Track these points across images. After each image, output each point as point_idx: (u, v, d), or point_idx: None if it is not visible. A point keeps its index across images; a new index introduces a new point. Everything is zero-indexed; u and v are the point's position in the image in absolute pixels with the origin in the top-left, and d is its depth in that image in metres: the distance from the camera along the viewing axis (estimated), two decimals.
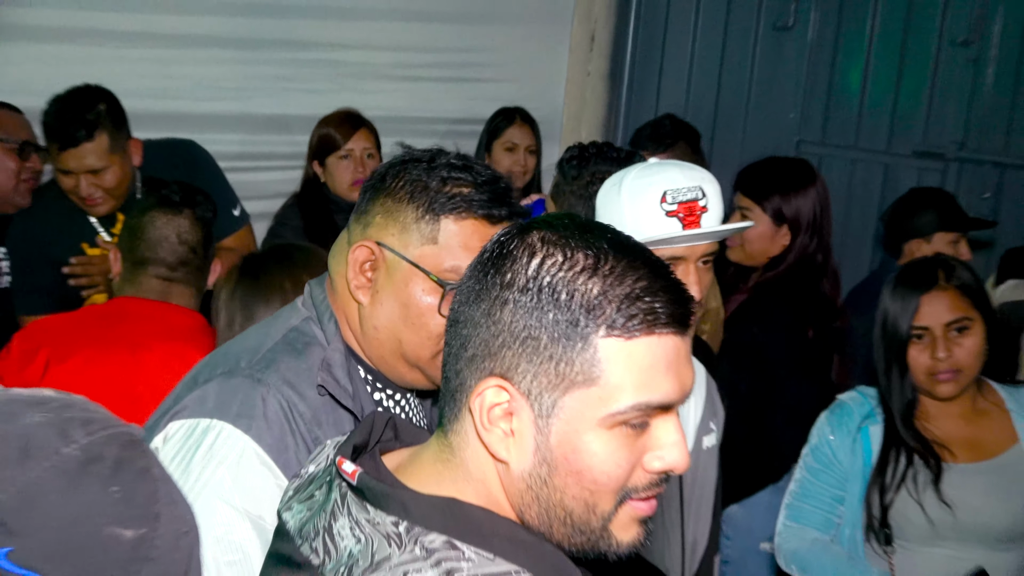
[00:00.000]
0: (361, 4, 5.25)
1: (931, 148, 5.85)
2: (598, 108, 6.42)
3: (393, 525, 1.28)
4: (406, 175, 1.89)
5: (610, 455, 1.24)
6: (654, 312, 1.23)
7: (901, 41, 5.88)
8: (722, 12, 6.21)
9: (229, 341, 2.10)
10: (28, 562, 1.02)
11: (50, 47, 4.27)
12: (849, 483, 3.02)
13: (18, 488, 1.02)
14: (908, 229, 4.15)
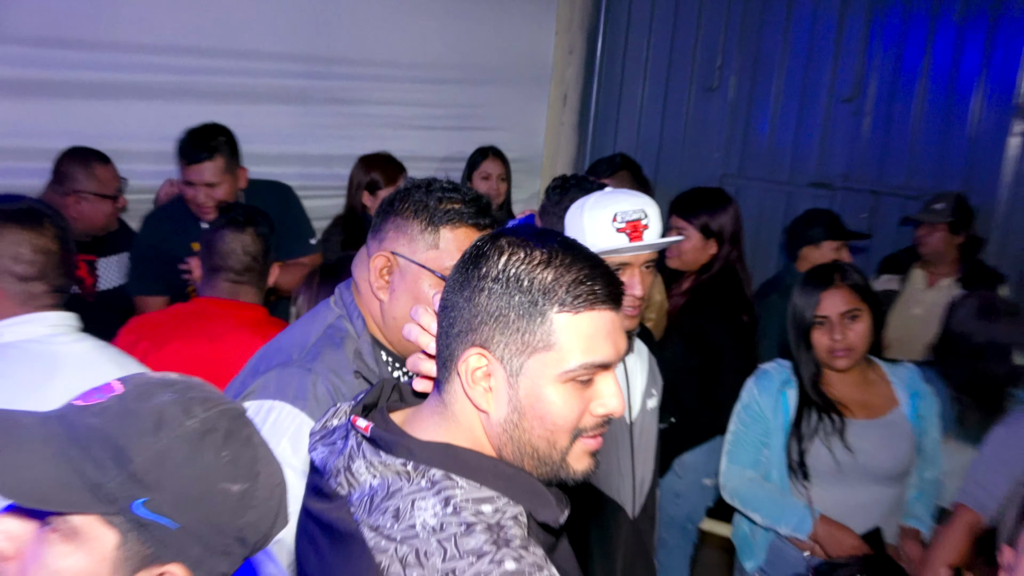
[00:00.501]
0: (387, 71, 5.22)
1: (822, 179, 5.83)
2: (569, 149, 6.45)
3: (402, 465, 1.31)
4: (410, 198, 1.92)
5: (564, 403, 1.30)
6: (594, 292, 1.29)
7: (799, 98, 5.86)
8: (663, 77, 6.21)
9: (279, 335, 2.07)
10: (159, 510, 1.07)
11: (161, 104, 4.22)
12: (773, 435, 3.01)
13: (152, 453, 1.07)
14: (803, 238, 4.15)
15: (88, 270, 3.55)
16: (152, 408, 1.09)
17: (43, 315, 2.04)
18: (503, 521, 1.27)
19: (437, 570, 1.20)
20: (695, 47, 6.08)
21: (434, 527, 1.24)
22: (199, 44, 4.32)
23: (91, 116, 4.02)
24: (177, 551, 1.08)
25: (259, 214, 3.09)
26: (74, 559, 1.05)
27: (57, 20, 3.82)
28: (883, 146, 5.65)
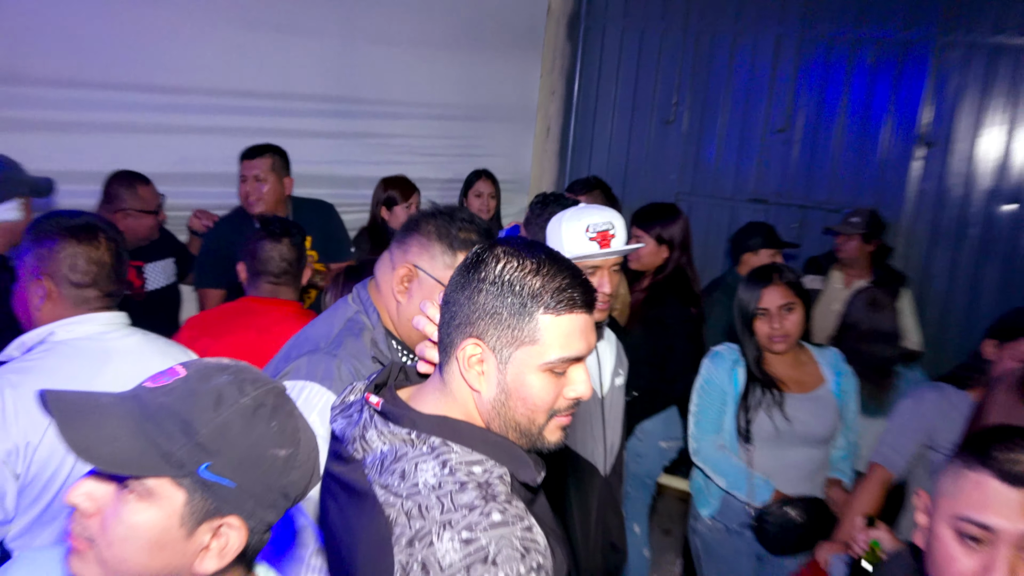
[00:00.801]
0: (403, 109, 5.22)
1: (759, 196, 5.82)
2: (551, 172, 6.42)
3: (407, 434, 1.33)
4: (435, 222, 1.92)
5: (543, 388, 1.32)
6: (573, 299, 1.31)
7: (740, 129, 5.85)
8: (628, 112, 6.19)
9: (305, 327, 2.07)
10: (221, 472, 1.09)
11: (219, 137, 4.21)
12: (727, 405, 3.02)
13: (214, 425, 1.08)
14: (744, 246, 4.16)
15: (137, 274, 3.54)
16: (212, 388, 1.10)
17: (95, 315, 2.03)
18: (491, 480, 1.29)
19: (436, 521, 1.22)
20: (654, 88, 6.07)
21: (433, 485, 1.26)
22: (252, 88, 4.34)
23: (165, 148, 4.04)
24: (235, 506, 1.10)
25: (293, 226, 3.11)
26: (148, 514, 1.06)
27: (123, 67, 3.82)
28: (809, 168, 5.66)
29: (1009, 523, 1.28)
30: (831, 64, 5.53)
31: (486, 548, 1.19)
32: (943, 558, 1.34)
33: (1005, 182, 5.16)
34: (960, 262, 5.32)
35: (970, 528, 1.31)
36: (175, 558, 1.09)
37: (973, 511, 1.31)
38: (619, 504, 2.62)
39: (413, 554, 1.21)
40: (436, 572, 1.19)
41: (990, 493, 1.29)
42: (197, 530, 1.10)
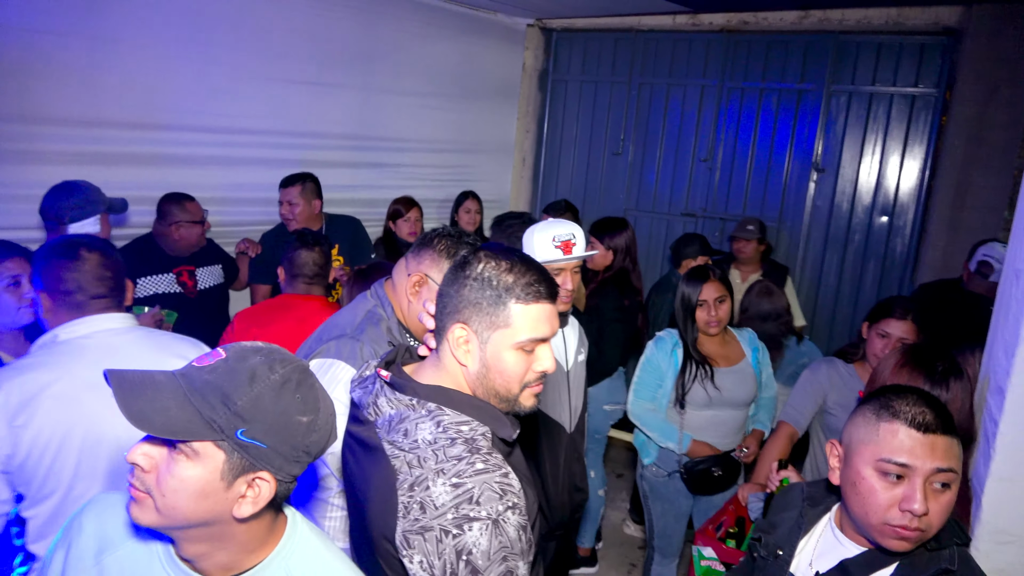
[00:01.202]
0: (408, 144, 5.19)
1: (689, 211, 5.79)
2: (526, 194, 6.37)
3: (409, 400, 1.34)
4: (445, 241, 1.89)
5: (515, 363, 1.33)
6: (539, 291, 1.33)
7: (674, 158, 5.83)
8: (586, 146, 6.15)
9: (333, 316, 2.04)
10: (255, 436, 1.07)
11: (255, 168, 4.19)
12: (666, 379, 2.99)
13: (249, 397, 1.07)
14: (683, 253, 4.11)
15: (189, 276, 3.50)
16: (247, 367, 1.09)
17: (93, 318, 1.92)
18: (475, 436, 1.30)
19: (431, 469, 1.24)
20: (606, 127, 6.05)
21: (429, 441, 1.28)
22: (290, 128, 4.34)
23: (221, 177, 4.05)
24: (266, 462, 1.09)
25: (323, 238, 3.11)
26: (195, 470, 1.06)
27: (189, 113, 3.82)
28: (728, 189, 5.64)
29: (920, 461, 1.30)
30: (744, 108, 5.53)
31: (471, 491, 1.22)
32: (868, 492, 1.35)
33: (880, 199, 5.18)
34: (847, 263, 5.34)
35: (891, 467, 1.32)
36: (217, 505, 1.09)
37: (893, 454, 1.32)
38: (582, 455, 2.61)
39: (413, 496, 1.23)
40: (431, 510, 1.21)
41: (904, 439, 1.32)
42: (235, 482, 1.09)
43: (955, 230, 4.77)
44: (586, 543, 3.85)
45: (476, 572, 1.18)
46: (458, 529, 1.19)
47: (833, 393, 2.72)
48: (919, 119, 5.00)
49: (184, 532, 1.12)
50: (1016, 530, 1.70)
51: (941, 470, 1.30)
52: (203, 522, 1.10)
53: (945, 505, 1.32)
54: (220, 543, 1.14)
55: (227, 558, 1.15)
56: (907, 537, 1.32)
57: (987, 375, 1.81)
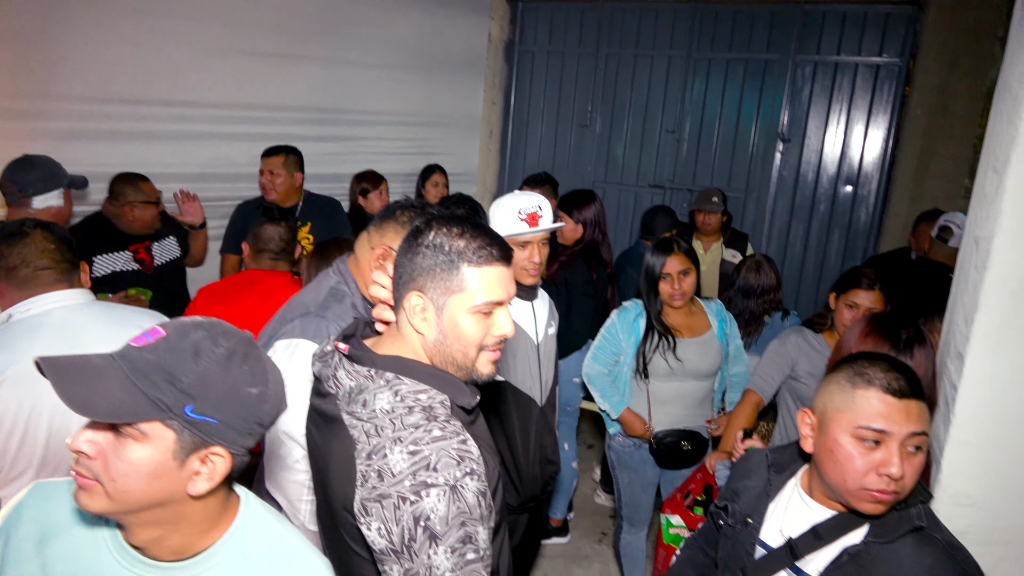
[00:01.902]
0: (374, 117, 5.11)
1: (658, 183, 5.81)
2: (493, 167, 6.33)
3: (367, 371, 1.33)
4: (409, 213, 1.87)
5: (472, 328, 1.32)
6: (491, 254, 1.32)
7: (641, 130, 5.83)
8: (554, 119, 6.13)
9: (297, 294, 2.01)
10: (204, 412, 1.04)
11: (219, 143, 4.08)
12: (627, 349, 2.99)
13: (195, 374, 1.04)
14: (659, 226, 4.08)
15: (146, 252, 3.42)
16: (190, 343, 1.06)
17: (46, 295, 1.90)
18: (433, 404, 1.29)
19: (389, 438, 1.24)
20: (574, 99, 6.02)
21: (387, 410, 1.27)
22: (254, 102, 4.24)
23: (184, 152, 3.95)
24: (219, 437, 1.07)
25: (288, 213, 3.10)
26: (146, 452, 1.03)
27: (152, 87, 3.71)
28: (695, 160, 5.67)
29: (897, 426, 1.32)
30: (711, 79, 5.53)
31: (428, 457, 1.21)
32: (845, 459, 1.37)
33: (845, 169, 5.24)
34: (812, 232, 5.40)
35: (868, 434, 1.34)
36: (171, 484, 1.06)
37: (870, 420, 1.34)
38: (553, 428, 2.61)
39: (371, 464, 1.23)
40: (389, 478, 1.21)
41: (880, 405, 1.34)
42: (188, 460, 1.06)
43: (917, 200, 4.85)
44: (558, 514, 3.89)
45: (434, 537, 1.18)
46: (415, 496, 1.18)
47: (802, 362, 2.75)
48: (883, 89, 5.04)
49: (136, 516, 1.09)
50: (974, 492, 1.74)
51: (915, 433, 1.33)
52: (156, 503, 1.07)
53: (918, 466, 1.35)
54: (173, 525, 1.11)
55: (180, 540, 1.13)
56: (884, 500, 1.34)
57: (948, 341, 1.85)
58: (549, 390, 2.58)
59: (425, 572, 1.19)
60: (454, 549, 1.19)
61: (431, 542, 1.18)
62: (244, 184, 4.07)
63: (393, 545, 1.19)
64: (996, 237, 1.64)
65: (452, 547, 1.19)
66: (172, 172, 3.80)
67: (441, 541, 1.18)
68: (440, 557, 1.18)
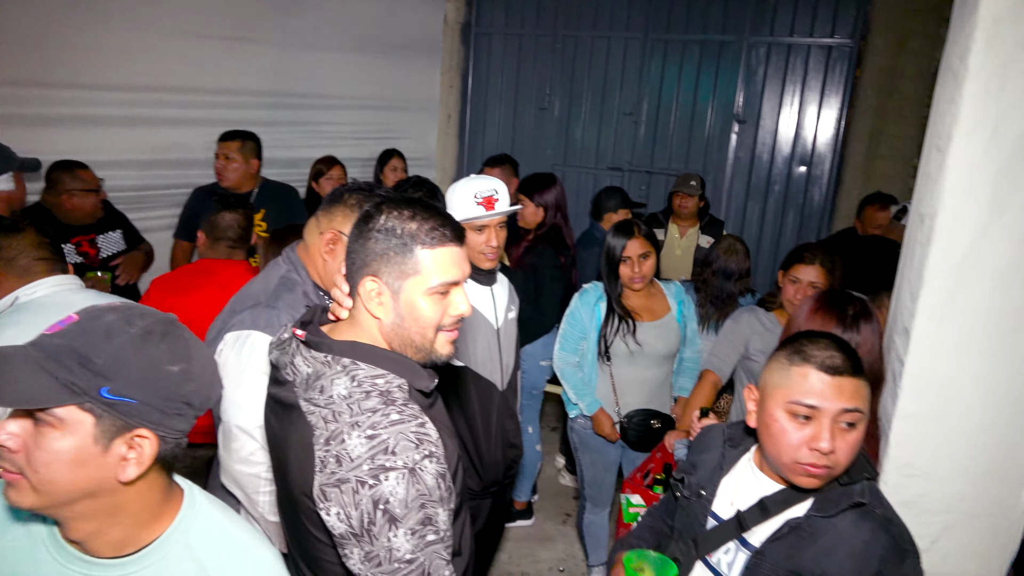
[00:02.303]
0: (330, 102, 5.04)
1: (615, 165, 5.84)
2: (452, 150, 6.29)
3: (324, 358, 1.32)
4: (356, 195, 1.86)
5: (430, 309, 1.33)
6: (444, 235, 1.33)
7: (599, 113, 5.84)
8: (512, 102, 6.12)
9: (245, 285, 1.98)
10: (121, 392, 1.02)
11: (170, 129, 3.98)
12: (589, 332, 3.00)
13: (107, 354, 1.02)
14: (605, 207, 4.09)
15: (90, 245, 3.33)
16: (101, 324, 1.04)
17: (45, 279, 2.05)
18: (390, 389, 1.30)
19: (346, 423, 1.24)
20: (531, 82, 6.01)
21: (344, 395, 1.27)
22: (203, 86, 4.13)
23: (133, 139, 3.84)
24: (141, 418, 1.04)
25: (244, 200, 3.01)
26: (65, 439, 1.01)
27: (101, 71, 3.59)
28: (653, 142, 5.70)
29: (828, 403, 1.36)
30: (667, 61, 5.56)
31: (386, 441, 1.21)
32: (779, 432, 1.41)
33: (799, 150, 5.32)
34: (768, 212, 5.49)
35: (800, 409, 1.38)
36: (97, 471, 1.04)
37: (803, 396, 1.37)
38: (515, 412, 2.61)
39: (329, 450, 1.22)
40: (347, 463, 1.20)
41: (814, 381, 1.37)
42: (112, 445, 1.04)
43: (869, 179, 4.95)
44: (522, 497, 3.91)
45: (394, 520, 1.18)
46: (374, 479, 1.18)
47: (754, 340, 2.80)
48: (835, 70, 5.12)
49: (69, 509, 1.05)
50: (921, 463, 1.80)
51: (847, 410, 1.36)
52: (86, 493, 1.04)
53: (852, 443, 1.38)
54: (111, 517, 1.08)
55: (120, 534, 1.09)
56: (815, 474, 1.38)
57: (895, 317, 1.90)
58: (511, 374, 2.58)
59: (385, 555, 1.19)
60: (414, 531, 1.19)
61: (391, 525, 1.18)
62: (197, 171, 3.97)
63: (353, 529, 1.19)
64: (939, 214, 1.69)
65: (412, 529, 1.19)
66: (123, 159, 3.69)
67: (401, 524, 1.19)
68: (400, 539, 1.19)
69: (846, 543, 1.39)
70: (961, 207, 1.67)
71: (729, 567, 1.51)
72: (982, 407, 1.74)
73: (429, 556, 1.21)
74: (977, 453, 1.76)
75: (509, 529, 3.85)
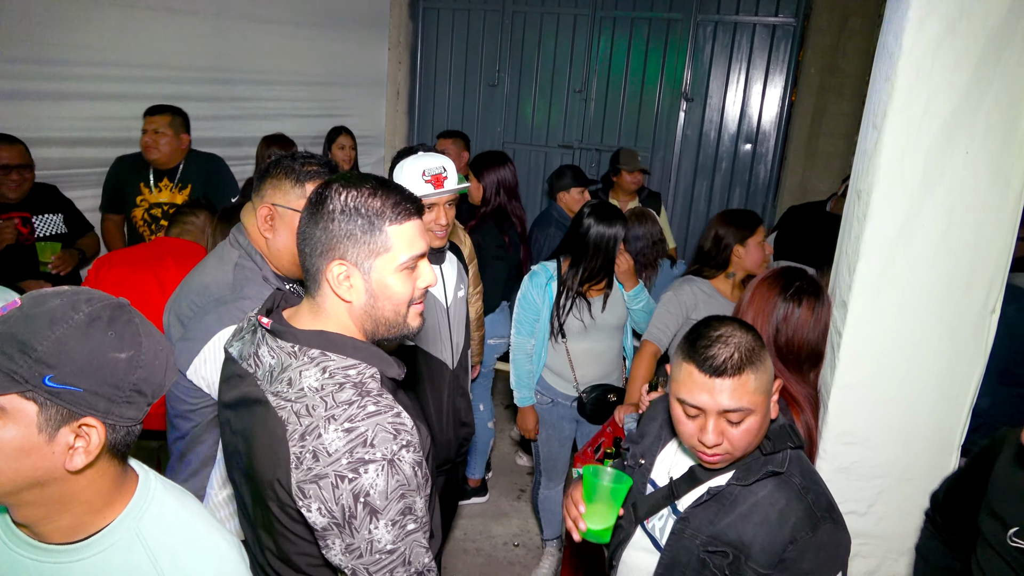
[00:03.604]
0: (274, 78, 4.93)
1: (566, 143, 5.85)
2: (401, 128, 6.23)
3: (291, 348, 1.29)
4: (281, 164, 1.84)
5: (402, 285, 1.32)
6: (408, 209, 1.31)
7: (549, 90, 5.84)
8: (461, 78, 6.06)
9: (197, 274, 1.91)
10: (64, 380, 0.99)
11: (109, 103, 3.85)
12: (543, 312, 3.02)
13: (51, 341, 0.99)
14: (558, 185, 4.06)
15: (23, 223, 3.23)
16: (45, 310, 1.01)
17: None
18: (364, 380, 1.28)
19: (322, 416, 1.21)
20: (481, 58, 5.96)
21: (316, 388, 1.24)
22: (134, 60, 3.98)
23: (60, 114, 3.68)
24: (87, 407, 1.02)
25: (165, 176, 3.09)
26: (8, 429, 0.99)
27: (25, 44, 3.44)
28: (602, 120, 5.73)
29: (711, 401, 1.39)
30: (616, 38, 5.58)
31: (364, 434, 1.20)
32: (678, 421, 1.47)
33: (745, 127, 5.41)
34: (715, 189, 5.57)
35: (687, 408, 1.43)
36: (43, 461, 1.01)
37: (687, 395, 1.42)
38: (467, 390, 2.63)
39: (305, 446, 1.20)
40: (325, 458, 1.19)
41: (697, 381, 1.40)
42: (58, 434, 1.01)
43: (812, 156, 5.06)
44: (476, 474, 3.94)
45: (375, 512, 1.19)
46: (353, 473, 1.18)
47: (698, 310, 2.85)
48: (779, 48, 5.21)
49: (16, 497, 1.04)
50: (858, 431, 1.87)
51: (729, 410, 1.39)
52: (33, 482, 1.02)
53: (744, 431, 1.41)
54: (60, 505, 1.06)
55: (70, 520, 1.08)
56: (711, 461, 1.46)
57: (834, 291, 1.96)
58: (461, 352, 2.59)
59: (366, 547, 1.20)
60: (395, 522, 1.21)
61: (371, 517, 1.19)
62: (129, 149, 3.84)
63: (336, 520, 1.19)
64: (875, 190, 1.74)
65: (393, 520, 1.21)
66: (49, 136, 3.57)
67: (381, 515, 1.20)
68: (381, 531, 1.20)
69: (762, 510, 1.44)
70: (895, 183, 1.72)
71: (661, 532, 1.58)
72: (915, 377, 1.81)
73: (409, 545, 1.23)
74: (910, 420, 1.84)
75: (464, 506, 3.88)
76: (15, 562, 1.08)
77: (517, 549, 3.61)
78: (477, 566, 3.47)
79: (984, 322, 1.76)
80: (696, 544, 1.49)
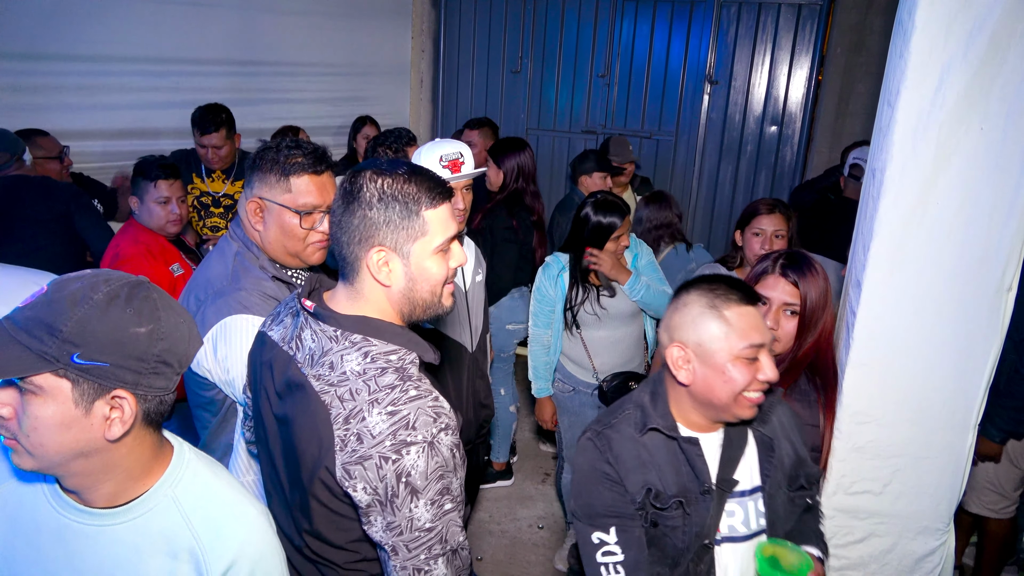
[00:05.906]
0: (299, 68, 5.00)
1: (590, 128, 5.83)
2: (426, 117, 6.26)
3: (332, 332, 1.33)
4: (265, 156, 1.83)
5: (438, 266, 1.36)
6: (442, 193, 1.35)
7: (572, 75, 5.82)
8: (484, 65, 6.07)
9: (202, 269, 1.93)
10: (91, 357, 1.06)
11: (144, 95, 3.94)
12: (556, 304, 3.04)
13: (74, 321, 1.06)
14: (580, 170, 4.08)
15: None
16: (67, 294, 1.08)
17: None
18: (404, 365, 1.32)
19: (365, 400, 1.26)
20: (504, 45, 5.96)
21: (358, 372, 1.29)
22: (165, 55, 4.08)
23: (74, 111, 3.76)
24: (116, 380, 1.09)
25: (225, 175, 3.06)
26: (48, 406, 1.07)
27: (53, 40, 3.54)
28: (626, 104, 5.70)
29: (765, 333, 1.53)
30: (639, 22, 5.54)
31: (407, 417, 1.25)
32: (727, 383, 1.51)
33: (770, 109, 5.35)
34: (740, 173, 5.53)
35: (750, 351, 1.49)
36: (84, 433, 1.10)
37: (751, 327, 1.51)
38: (485, 372, 2.66)
39: (350, 428, 1.25)
40: (369, 440, 1.24)
41: (749, 311, 1.52)
42: (93, 407, 1.10)
43: (838, 136, 4.99)
44: (501, 458, 3.98)
45: (415, 492, 1.24)
46: (396, 454, 1.23)
47: None
48: (805, 28, 5.13)
49: (65, 468, 1.13)
50: (872, 411, 1.86)
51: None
52: (78, 453, 1.11)
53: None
54: (104, 473, 1.15)
55: (113, 487, 1.17)
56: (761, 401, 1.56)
57: (850, 271, 1.95)
58: (480, 336, 2.63)
59: (407, 524, 1.26)
60: (433, 501, 1.26)
61: (412, 496, 1.24)
62: (167, 141, 3.93)
63: (379, 498, 1.25)
64: (888, 168, 1.73)
65: (431, 499, 1.26)
66: (76, 129, 3.66)
67: (421, 495, 1.25)
68: (421, 510, 1.25)
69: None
70: (909, 160, 1.71)
71: (746, 522, 1.62)
72: (930, 355, 1.80)
73: (446, 523, 1.28)
74: (925, 399, 1.83)
75: (489, 489, 3.93)
76: (63, 528, 1.18)
77: (542, 531, 3.65)
78: (502, 547, 3.52)
79: (1000, 299, 1.74)
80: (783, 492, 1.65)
